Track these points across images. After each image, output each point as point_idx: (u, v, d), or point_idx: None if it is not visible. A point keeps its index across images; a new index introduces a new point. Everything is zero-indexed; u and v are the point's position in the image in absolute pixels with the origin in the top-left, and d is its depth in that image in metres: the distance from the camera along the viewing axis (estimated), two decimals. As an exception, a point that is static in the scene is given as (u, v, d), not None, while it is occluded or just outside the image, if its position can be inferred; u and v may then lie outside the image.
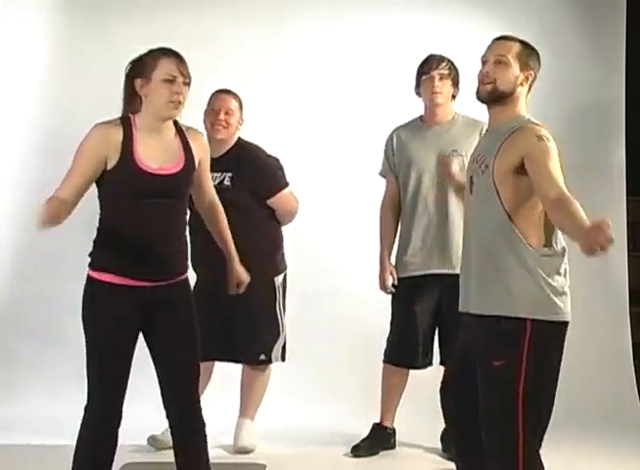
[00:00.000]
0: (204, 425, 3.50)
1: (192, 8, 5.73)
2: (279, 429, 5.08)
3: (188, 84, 3.34)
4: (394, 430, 4.88)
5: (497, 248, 3.18)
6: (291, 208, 4.90)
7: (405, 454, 4.77)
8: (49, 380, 5.42)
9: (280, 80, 5.77)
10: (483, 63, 3.32)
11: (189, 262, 3.54)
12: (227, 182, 4.70)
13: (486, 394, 3.19)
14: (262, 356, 4.78)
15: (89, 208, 5.28)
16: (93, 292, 3.31)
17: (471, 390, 3.24)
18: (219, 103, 4.74)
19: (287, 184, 4.86)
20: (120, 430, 3.42)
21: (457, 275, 3.41)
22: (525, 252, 3.14)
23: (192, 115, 4.78)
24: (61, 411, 5.08)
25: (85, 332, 3.34)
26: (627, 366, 5.73)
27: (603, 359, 5.71)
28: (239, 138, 4.81)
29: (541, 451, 4.30)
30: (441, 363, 4.76)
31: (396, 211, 4.82)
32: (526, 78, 3.28)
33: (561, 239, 3.22)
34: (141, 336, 3.42)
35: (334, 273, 5.58)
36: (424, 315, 4.71)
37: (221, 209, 3.61)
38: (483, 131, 4.64)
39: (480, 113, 3.42)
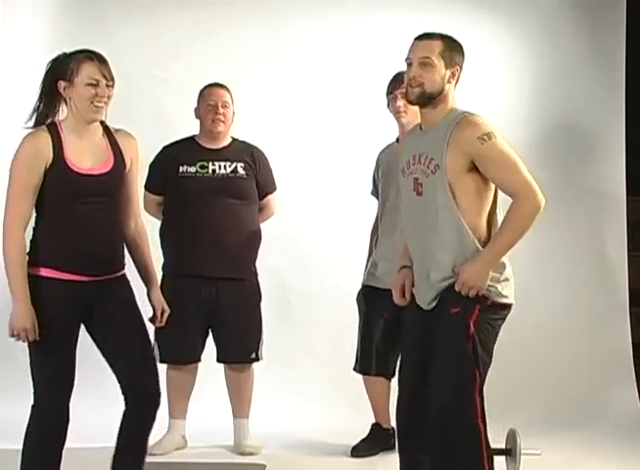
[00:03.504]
0: (156, 406, 3.52)
1: (192, 8, 5.72)
2: (279, 429, 5.08)
3: (111, 86, 3.43)
4: (394, 430, 4.87)
5: (451, 246, 3.27)
6: (273, 212, 4.98)
7: (405, 454, 4.76)
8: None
9: (280, 80, 5.77)
10: (408, 65, 3.36)
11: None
12: (242, 171, 4.76)
13: (443, 338, 3.28)
14: (253, 354, 4.78)
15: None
16: (33, 288, 3.32)
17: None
18: (215, 97, 4.77)
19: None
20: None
21: None
22: (473, 248, 3.25)
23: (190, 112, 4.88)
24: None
25: None
26: (627, 366, 5.73)
27: (603, 359, 5.71)
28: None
29: (541, 451, 4.34)
30: None
31: None
32: (453, 75, 3.32)
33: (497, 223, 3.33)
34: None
35: (333, 274, 5.58)
36: (382, 326, 4.73)
37: (146, 232, 3.63)
38: None
39: (480, 111, 3.41)
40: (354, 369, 4.89)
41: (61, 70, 3.40)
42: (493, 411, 4.18)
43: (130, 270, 3.55)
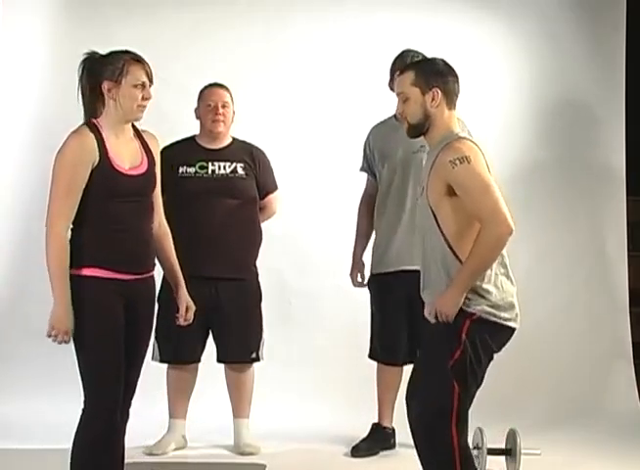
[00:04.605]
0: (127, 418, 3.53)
1: (192, 8, 5.73)
2: (279, 429, 5.08)
3: (151, 85, 3.47)
4: (394, 430, 4.88)
5: (435, 264, 3.29)
6: (275, 211, 4.98)
7: (405, 454, 4.74)
8: (49, 381, 5.41)
9: (280, 80, 5.77)
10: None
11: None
12: (241, 171, 4.77)
13: (430, 341, 3.38)
14: (254, 354, 4.79)
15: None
16: (80, 288, 3.30)
17: None
18: (215, 97, 4.77)
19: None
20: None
21: None
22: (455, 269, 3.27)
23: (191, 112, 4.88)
24: (61, 414, 5.08)
25: (79, 328, 3.31)
26: (627, 366, 5.74)
27: (603, 359, 5.72)
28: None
29: (541, 451, 4.34)
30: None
31: (372, 207, 4.85)
32: (433, 98, 3.32)
33: None
34: None
35: (333, 274, 5.57)
36: (398, 312, 4.72)
37: (169, 232, 3.64)
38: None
39: (480, 111, 3.42)
40: (371, 357, 4.84)
41: (106, 71, 3.37)
42: (493, 411, 4.21)
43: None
